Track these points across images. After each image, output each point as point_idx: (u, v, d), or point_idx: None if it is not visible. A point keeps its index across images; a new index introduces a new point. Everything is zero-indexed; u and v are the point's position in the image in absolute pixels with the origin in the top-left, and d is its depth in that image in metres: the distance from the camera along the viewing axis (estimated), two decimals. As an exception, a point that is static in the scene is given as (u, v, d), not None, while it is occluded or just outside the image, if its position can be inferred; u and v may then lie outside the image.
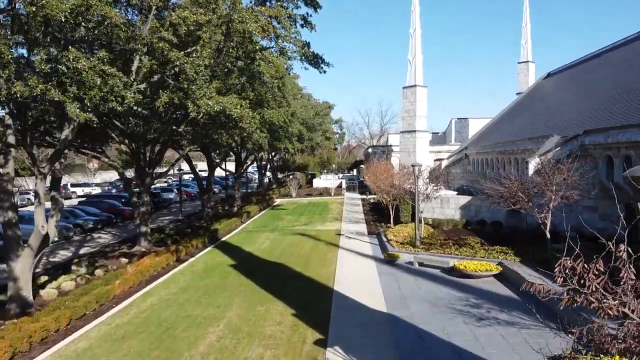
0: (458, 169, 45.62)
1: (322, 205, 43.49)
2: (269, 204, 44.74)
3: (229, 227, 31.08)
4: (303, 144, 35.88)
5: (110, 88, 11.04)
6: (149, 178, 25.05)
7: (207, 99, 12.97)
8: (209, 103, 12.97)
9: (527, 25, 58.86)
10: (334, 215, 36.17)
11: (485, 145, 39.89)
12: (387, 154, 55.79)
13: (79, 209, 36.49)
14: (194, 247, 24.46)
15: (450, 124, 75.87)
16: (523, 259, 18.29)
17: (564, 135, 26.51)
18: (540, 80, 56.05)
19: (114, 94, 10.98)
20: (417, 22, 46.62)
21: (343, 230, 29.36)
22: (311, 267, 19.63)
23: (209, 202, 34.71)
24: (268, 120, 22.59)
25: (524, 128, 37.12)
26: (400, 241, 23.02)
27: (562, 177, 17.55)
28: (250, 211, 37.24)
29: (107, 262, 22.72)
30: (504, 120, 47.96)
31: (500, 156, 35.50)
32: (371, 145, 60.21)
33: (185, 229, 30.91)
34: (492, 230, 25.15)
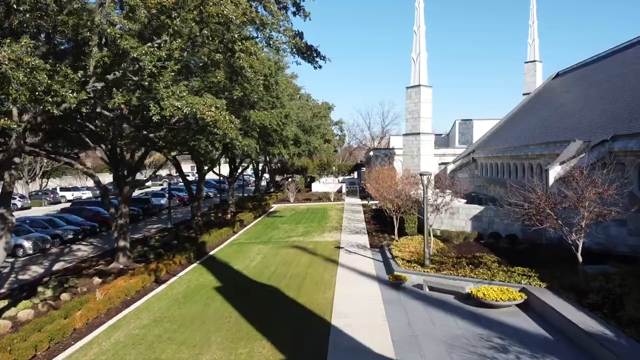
0: (465, 174, 43.16)
1: (321, 212, 41.05)
2: (265, 211, 42.31)
3: (220, 238, 28.64)
4: (300, 148, 33.51)
5: (47, 86, 8.63)
6: (127, 187, 22.63)
7: (174, 100, 10.57)
8: (176, 104, 10.58)
9: (534, 24, 56.49)
10: (333, 224, 33.73)
11: (494, 149, 37.46)
12: (389, 157, 53.36)
13: (60, 217, 34.08)
14: (177, 264, 22.04)
15: (454, 126, 73.50)
16: (550, 284, 15.85)
17: (586, 139, 24.09)
18: (549, 81, 53.62)
19: (52, 94, 8.60)
20: (421, 18, 44.20)
21: (343, 242, 26.93)
22: (306, 292, 17.18)
23: (198, 211, 32.27)
24: (259, 123, 20.18)
25: (536, 131, 34.68)
26: (407, 258, 20.57)
27: (596, 190, 15.10)
28: (244, 219, 34.80)
29: (78, 282, 20.35)
30: (512, 122, 45.50)
31: (512, 161, 33.06)
32: (373, 147, 57.80)
33: (172, 241, 28.50)
34: (508, 245, 22.68)
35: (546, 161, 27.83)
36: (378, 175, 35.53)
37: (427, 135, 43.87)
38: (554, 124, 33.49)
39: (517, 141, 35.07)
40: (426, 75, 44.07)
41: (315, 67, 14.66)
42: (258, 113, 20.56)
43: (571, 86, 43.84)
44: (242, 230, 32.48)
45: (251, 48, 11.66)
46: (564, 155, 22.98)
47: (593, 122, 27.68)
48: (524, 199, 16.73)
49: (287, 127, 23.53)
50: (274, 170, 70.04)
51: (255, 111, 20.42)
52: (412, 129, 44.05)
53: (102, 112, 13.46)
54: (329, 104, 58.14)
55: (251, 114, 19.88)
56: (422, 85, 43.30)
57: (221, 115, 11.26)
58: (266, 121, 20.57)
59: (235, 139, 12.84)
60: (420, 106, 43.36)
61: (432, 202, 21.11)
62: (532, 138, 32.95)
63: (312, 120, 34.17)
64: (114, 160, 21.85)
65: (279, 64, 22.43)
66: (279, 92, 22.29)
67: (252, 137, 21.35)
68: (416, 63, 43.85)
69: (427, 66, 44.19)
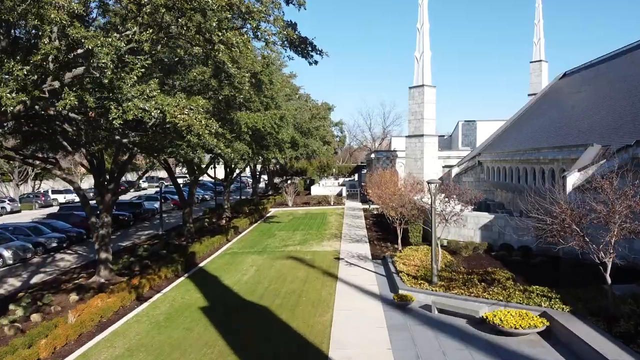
0: (470, 177, 41.45)
1: (320, 217, 39.33)
2: (261, 216, 40.59)
3: (211, 247, 26.93)
4: (298, 151, 31.82)
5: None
6: (109, 194, 20.93)
7: (140, 101, 8.90)
8: (141, 106, 8.90)
9: (540, 22, 54.83)
10: (332, 232, 32.02)
11: (502, 152, 35.72)
12: (391, 159, 51.66)
13: (46, 223, 32.39)
14: (162, 278, 20.33)
15: (457, 127, 71.76)
16: (574, 308, 14.14)
17: (604, 144, 22.37)
18: (556, 81, 51.90)
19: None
20: (425, 16, 42.50)
21: (343, 252, 25.23)
22: (301, 314, 15.47)
23: (190, 217, 30.57)
24: (251, 125, 18.48)
25: (547, 133, 32.94)
26: (413, 273, 18.86)
27: (627, 203, 13.36)
28: (238, 226, 33.08)
29: (53, 300, 18.67)
30: (519, 123, 43.77)
31: (522, 165, 31.31)
32: (374, 150, 56.09)
33: (161, 250, 26.81)
34: (521, 259, 20.96)
35: (559, 166, 26.12)
36: (380, 179, 33.84)
37: (430, 138, 42.16)
38: (566, 126, 31.77)
39: (526, 144, 33.34)
40: (430, 75, 42.40)
41: (311, 62, 12.95)
42: (251, 115, 18.88)
43: (581, 86, 42.11)
44: (236, 237, 30.76)
45: (233, 39, 9.94)
46: (582, 161, 21.25)
47: (610, 125, 25.97)
48: (544, 212, 15.01)
49: (282, 130, 21.86)
50: (273, 172, 68.34)
51: (247, 113, 18.74)
52: (415, 130, 42.35)
53: (68, 115, 11.79)
54: (329, 104, 56.46)
55: (241, 115, 18.19)
56: (425, 85, 41.62)
57: (196, 119, 9.57)
58: (259, 123, 18.89)
59: (215, 145, 11.16)
60: (423, 107, 41.68)
61: (439, 211, 19.39)
62: (543, 141, 31.21)
63: (311, 121, 32.41)
64: (94, 166, 20.15)
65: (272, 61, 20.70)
66: (274, 92, 20.58)
67: (243, 141, 19.69)
68: (419, 62, 42.17)
69: (430, 65, 42.52)
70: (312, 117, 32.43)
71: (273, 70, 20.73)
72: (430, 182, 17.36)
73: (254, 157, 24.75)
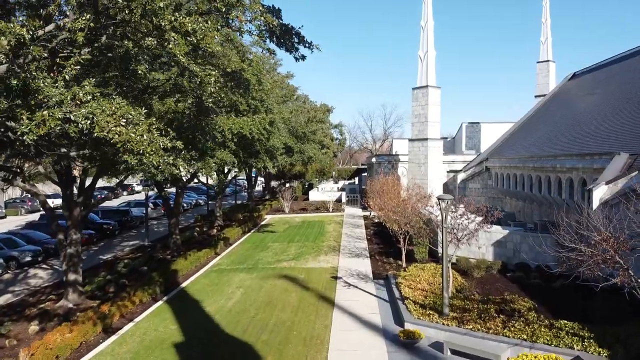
0: (477, 184, 39.20)
1: (317, 226, 37.04)
2: (255, 224, 38.29)
3: (197, 263, 24.67)
4: (292, 157, 29.49)
5: None
6: (79, 208, 18.68)
7: (65, 108, 6.71)
8: (61, 115, 6.69)
9: (547, 21, 52.55)
10: (330, 243, 29.74)
11: (512, 158, 33.45)
12: (393, 164, 49.38)
13: (22, 234, 30.12)
14: (137, 303, 18.05)
15: (461, 129, 69.50)
16: (614, 353, 11.89)
17: (632, 152, 20.12)
18: (565, 82, 49.65)
19: None
20: (429, 13, 40.22)
21: (341, 269, 22.98)
22: (290, 356, 13.18)
23: (176, 228, 28.29)
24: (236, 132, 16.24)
25: (561, 139, 30.65)
26: (420, 300, 16.58)
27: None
28: (229, 237, 30.79)
29: (12, 329, 16.45)
30: (528, 126, 41.47)
31: (535, 173, 29.04)
32: (375, 154, 53.81)
33: (142, 266, 24.53)
34: (542, 282, 18.67)
35: (579, 176, 23.86)
36: (381, 188, 31.56)
37: (435, 141, 39.91)
38: (582, 131, 29.48)
39: (539, 150, 31.08)
40: (434, 75, 40.13)
41: (297, 57, 10.72)
42: (236, 120, 16.65)
43: (593, 88, 39.79)
44: (226, 250, 28.47)
45: (188, 25, 7.69)
46: (609, 172, 18.97)
47: (632, 131, 23.69)
48: (575, 236, 12.69)
49: (273, 136, 19.62)
50: (270, 175, 66.03)
51: (232, 117, 16.54)
52: (419, 134, 40.08)
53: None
54: (328, 105, 54.31)
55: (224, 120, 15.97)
56: (430, 86, 39.36)
57: (136, 133, 7.31)
58: (245, 129, 16.64)
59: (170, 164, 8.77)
60: (427, 109, 39.42)
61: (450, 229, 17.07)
62: (557, 147, 28.94)
63: (307, 125, 30.07)
64: (60, 178, 17.92)
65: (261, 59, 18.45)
66: (264, 93, 18.38)
67: (227, 149, 17.46)
68: (423, 62, 39.90)
69: (435, 65, 40.25)
70: (308, 120, 30.08)
71: (261, 68, 18.52)
72: (441, 198, 15.07)
73: (240, 166, 22.52)
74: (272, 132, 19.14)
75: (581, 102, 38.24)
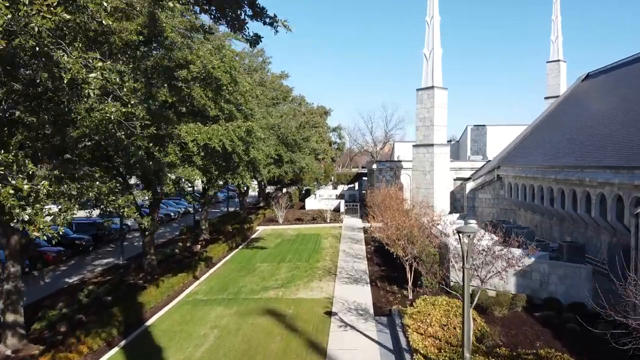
0: (487, 194, 35.91)
1: (313, 240, 33.74)
2: (245, 237, 34.99)
3: (171, 291, 21.39)
4: (281, 168, 26.14)
5: None
6: (17, 235, 15.41)
7: None
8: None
9: (558, 19, 49.35)
10: (326, 264, 26.45)
11: (528, 168, 30.13)
12: (395, 171, 46.06)
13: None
14: (84, 353, 14.75)
15: (466, 132, 66.29)
16: None
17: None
18: (579, 83, 46.32)
19: None
20: (435, 7, 36.97)
21: (337, 300, 19.72)
22: None
23: (151, 247, 24.99)
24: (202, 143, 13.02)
25: (585, 147, 27.26)
26: (433, 355, 13.31)
27: None
28: (212, 256, 27.50)
29: None
30: (543, 131, 38.12)
31: (557, 186, 25.73)
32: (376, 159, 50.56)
33: (107, 295, 21.24)
34: (578, 326, 15.29)
35: (613, 192, 20.56)
36: (382, 200, 28.36)
37: (441, 147, 36.64)
38: (609, 139, 26.11)
39: (560, 159, 27.77)
40: (441, 75, 36.91)
41: (249, 39, 7.51)
42: (203, 128, 13.43)
43: (612, 90, 36.48)
44: (207, 273, 25.17)
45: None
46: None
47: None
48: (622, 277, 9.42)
49: (253, 147, 16.38)
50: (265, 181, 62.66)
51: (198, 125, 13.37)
52: (424, 139, 36.81)
53: None
54: (326, 107, 51.10)
55: (186, 129, 12.81)
56: (436, 87, 36.12)
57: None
58: (214, 140, 13.42)
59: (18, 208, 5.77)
60: (433, 112, 36.17)
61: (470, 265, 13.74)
62: (584, 157, 25.58)
63: (299, 132, 26.73)
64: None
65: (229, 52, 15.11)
66: (240, 95, 15.11)
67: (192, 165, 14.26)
68: (429, 60, 36.65)
69: (441, 64, 37.01)
70: (300, 125, 26.73)
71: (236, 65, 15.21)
72: (462, 231, 11.73)
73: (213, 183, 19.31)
74: (251, 142, 15.90)
75: (600, 105, 34.92)
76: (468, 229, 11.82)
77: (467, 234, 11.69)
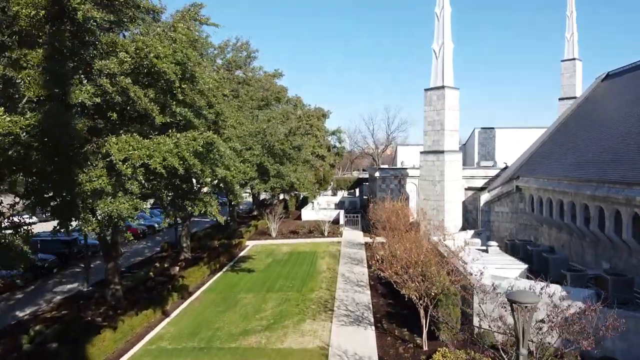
0: (505, 207, 31.97)
1: (308, 260, 29.82)
2: (232, 256, 31.09)
3: (131, 334, 17.52)
4: (267, 184, 22.19)
5: None
6: None
7: None
8: None
9: (573, 14, 45.56)
10: (321, 294, 22.55)
11: (555, 180, 26.14)
12: (400, 179, 42.12)
13: None
14: None
15: (473, 135, 62.29)
16: None
17: None
18: (599, 83, 42.38)
19: None
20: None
21: (333, 352, 15.88)
22: None
23: (115, 276, 21.10)
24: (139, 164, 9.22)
25: (629, 158, 23.28)
26: None
27: None
28: (189, 284, 23.58)
29: None
30: (565, 137, 34.13)
31: (594, 203, 21.82)
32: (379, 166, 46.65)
33: (53, 341, 17.33)
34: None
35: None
36: (387, 219, 24.49)
37: (453, 154, 32.76)
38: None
39: (594, 171, 23.83)
40: (452, 73, 33.02)
41: None
42: (142, 142, 9.65)
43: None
44: (181, 306, 21.25)
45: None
46: None
47: None
48: None
49: (219, 165, 12.52)
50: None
51: (135, 138, 9.63)
52: (433, 145, 32.90)
53: None
54: (324, 109, 47.20)
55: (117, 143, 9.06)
56: (446, 87, 32.23)
57: None
58: (155, 159, 9.60)
59: None
60: (444, 115, 32.28)
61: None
62: (622, 169, 21.67)
63: (288, 139, 22.68)
64: None
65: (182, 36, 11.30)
66: (200, 96, 11.32)
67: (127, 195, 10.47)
68: (438, 57, 32.75)
69: (452, 61, 33.14)
70: (290, 131, 22.70)
71: (192, 55, 11.32)
72: (515, 301, 7.82)
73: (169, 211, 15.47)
74: (214, 159, 12.01)
75: (631, 107, 30.97)
76: (525, 297, 7.91)
77: (524, 305, 7.79)
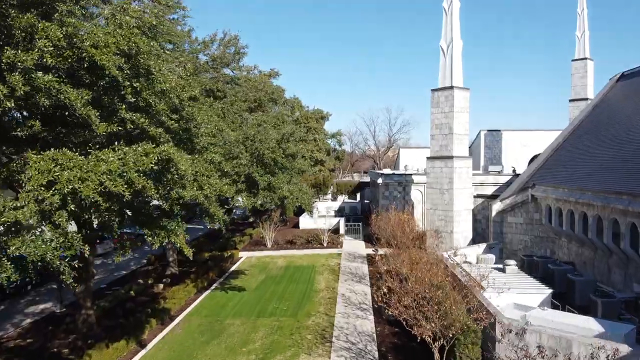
0: (519, 217, 29.52)
1: (304, 277, 27.34)
2: (222, 271, 28.67)
3: (97, 375, 15.09)
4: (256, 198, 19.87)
5: None
6: None
7: None
8: None
9: (584, 12, 43.27)
10: (319, 321, 20.09)
11: (577, 191, 23.67)
12: (404, 186, 39.65)
13: None
14: None
15: (479, 137, 59.82)
16: None
17: None
18: (613, 84, 39.94)
19: None
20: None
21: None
22: None
23: (87, 300, 18.63)
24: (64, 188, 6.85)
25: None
26: None
27: None
28: (171, 307, 21.13)
29: None
30: (584, 142, 31.68)
31: (627, 219, 19.37)
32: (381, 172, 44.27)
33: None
34: None
35: None
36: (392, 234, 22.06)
37: (463, 160, 30.34)
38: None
39: (625, 181, 21.40)
40: (461, 73, 30.60)
41: None
42: (76, 160, 7.30)
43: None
44: (159, 335, 18.80)
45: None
46: None
47: None
48: None
49: (185, 185, 10.16)
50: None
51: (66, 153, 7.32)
52: (441, 150, 30.49)
53: None
54: (323, 112, 44.77)
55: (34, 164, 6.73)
56: (455, 87, 29.84)
57: None
58: (89, 182, 7.24)
59: None
60: (452, 117, 29.88)
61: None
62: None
63: (280, 147, 20.23)
64: None
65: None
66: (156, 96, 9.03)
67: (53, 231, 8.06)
68: (447, 55, 30.35)
69: (461, 59, 30.73)
70: (282, 138, 20.34)
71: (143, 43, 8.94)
72: None
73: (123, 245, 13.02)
74: (171, 180, 9.61)
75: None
76: None
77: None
